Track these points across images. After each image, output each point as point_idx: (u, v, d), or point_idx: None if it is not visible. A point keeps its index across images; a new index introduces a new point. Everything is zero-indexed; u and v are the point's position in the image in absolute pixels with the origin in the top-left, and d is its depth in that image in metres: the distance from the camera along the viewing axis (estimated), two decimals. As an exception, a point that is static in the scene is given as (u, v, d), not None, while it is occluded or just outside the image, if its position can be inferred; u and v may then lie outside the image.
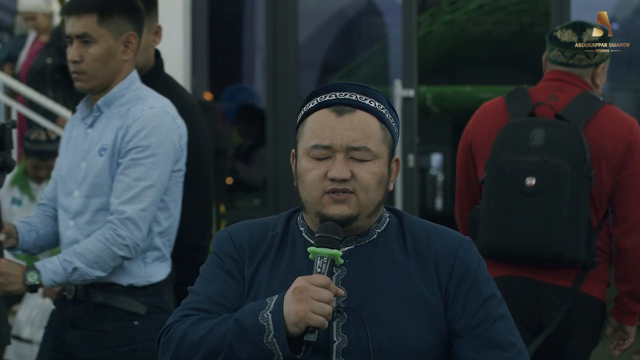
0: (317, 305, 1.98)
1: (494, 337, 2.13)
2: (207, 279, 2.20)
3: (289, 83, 7.61)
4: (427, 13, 11.38)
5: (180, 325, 2.11)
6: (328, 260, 2.06)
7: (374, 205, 2.15)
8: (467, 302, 2.15)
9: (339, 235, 2.08)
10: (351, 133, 2.11)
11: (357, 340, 2.10)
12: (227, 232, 2.24)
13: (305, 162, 2.14)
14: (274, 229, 2.23)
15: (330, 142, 2.11)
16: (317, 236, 2.09)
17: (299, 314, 1.98)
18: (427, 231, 2.22)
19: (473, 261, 2.19)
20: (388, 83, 9.21)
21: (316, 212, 2.14)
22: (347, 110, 2.13)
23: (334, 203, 2.11)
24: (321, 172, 2.12)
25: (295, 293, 2.00)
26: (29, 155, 5.51)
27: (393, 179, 2.22)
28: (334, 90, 2.17)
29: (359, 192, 2.12)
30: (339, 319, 2.11)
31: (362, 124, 2.13)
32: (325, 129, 2.12)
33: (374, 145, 2.13)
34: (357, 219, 2.14)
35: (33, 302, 5.37)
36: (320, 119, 2.14)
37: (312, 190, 2.13)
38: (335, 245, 2.07)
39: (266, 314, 2.01)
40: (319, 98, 2.17)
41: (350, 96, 2.15)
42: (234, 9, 9.95)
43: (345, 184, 2.11)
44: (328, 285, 2.01)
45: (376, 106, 2.16)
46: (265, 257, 2.19)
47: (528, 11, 11.69)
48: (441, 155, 19.08)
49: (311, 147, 2.13)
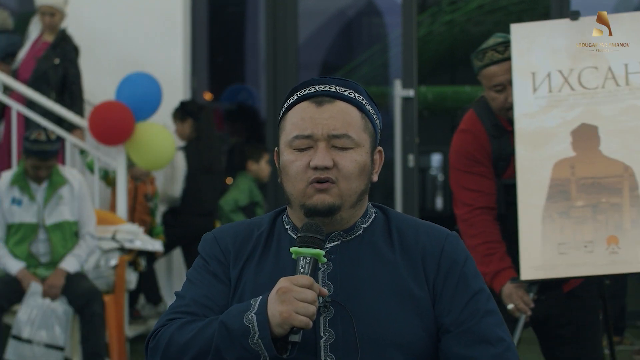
0: (301, 305, 1.99)
1: (482, 332, 2.13)
2: (193, 282, 2.21)
3: (289, 83, 7.60)
4: (427, 13, 11.38)
5: (167, 329, 2.12)
6: (311, 260, 2.06)
7: (356, 195, 2.16)
8: (455, 297, 2.15)
9: (321, 234, 2.09)
10: (331, 121, 2.13)
11: (344, 335, 2.10)
12: (213, 235, 2.26)
13: (288, 154, 2.16)
14: (260, 228, 2.24)
15: (311, 131, 2.13)
16: (299, 236, 2.10)
17: (283, 315, 1.99)
18: (413, 227, 2.22)
19: (460, 256, 2.19)
20: (388, 83, 9.21)
21: (300, 204, 2.15)
22: (327, 101, 2.16)
23: (317, 193, 2.12)
24: (304, 162, 2.13)
25: (279, 294, 2.00)
26: (29, 155, 5.50)
27: (377, 169, 2.23)
28: (314, 84, 2.19)
29: (341, 180, 2.13)
30: (326, 314, 2.12)
31: (342, 113, 2.15)
32: (305, 120, 2.14)
33: (354, 133, 2.15)
34: (340, 209, 2.14)
35: (33, 302, 5.37)
36: (300, 111, 2.16)
37: (297, 181, 2.14)
38: (318, 245, 2.08)
39: (251, 315, 2.02)
40: (299, 93, 2.19)
41: (330, 88, 2.18)
42: (234, 9, 9.95)
43: (327, 173, 2.12)
44: (311, 285, 2.02)
45: (355, 97, 2.18)
46: (251, 256, 2.21)
47: (528, 11, 11.69)
48: (441, 155, 19.09)
49: (293, 139, 2.15)
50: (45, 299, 5.37)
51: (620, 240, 3.52)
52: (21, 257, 5.53)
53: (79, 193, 5.64)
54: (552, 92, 3.60)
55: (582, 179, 3.56)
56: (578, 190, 3.56)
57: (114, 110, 6.41)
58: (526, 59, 3.62)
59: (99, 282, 5.84)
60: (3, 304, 5.44)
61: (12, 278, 5.46)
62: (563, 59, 3.61)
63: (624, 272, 3.59)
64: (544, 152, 3.58)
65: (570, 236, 3.54)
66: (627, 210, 3.53)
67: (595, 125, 3.57)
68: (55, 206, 5.57)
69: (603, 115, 3.57)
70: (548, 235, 3.55)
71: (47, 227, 5.53)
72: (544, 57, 3.62)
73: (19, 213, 5.55)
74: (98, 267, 5.96)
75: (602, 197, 3.54)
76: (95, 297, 5.48)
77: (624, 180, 3.54)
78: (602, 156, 3.57)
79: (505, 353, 2.13)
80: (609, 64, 3.57)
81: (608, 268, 3.53)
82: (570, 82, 3.60)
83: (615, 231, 3.52)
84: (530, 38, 3.62)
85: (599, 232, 3.53)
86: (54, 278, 5.43)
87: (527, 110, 3.60)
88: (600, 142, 3.56)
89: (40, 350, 5.35)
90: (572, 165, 3.57)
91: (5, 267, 5.51)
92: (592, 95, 3.58)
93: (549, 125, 3.59)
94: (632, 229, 3.52)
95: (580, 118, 3.58)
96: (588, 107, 3.59)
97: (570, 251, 3.53)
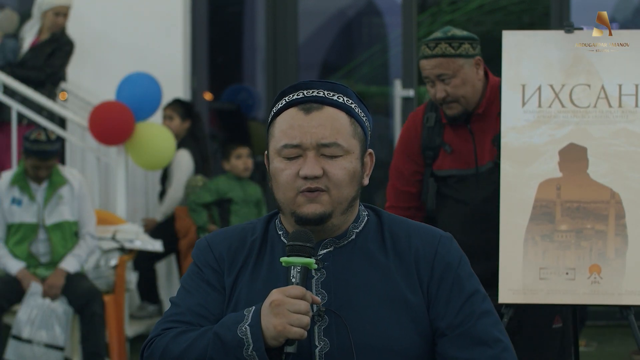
0: (295, 317, 1.99)
1: (478, 334, 2.12)
2: (187, 290, 2.20)
3: (289, 83, 7.58)
4: (427, 13, 11.36)
5: (161, 339, 2.12)
6: (301, 269, 2.05)
7: (347, 201, 2.15)
8: (450, 300, 2.13)
9: (310, 242, 2.08)
10: (320, 130, 2.11)
11: (339, 343, 2.09)
12: (206, 242, 2.24)
13: (277, 162, 2.14)
14: (253, 234, 2.22)
15: (300, 140, 2.11)
16: (289, 245, 2.08)
17: (277, 328, 1.98)
18: (406, 229, 2.20)
19: (454, 258, 2.17)
20: (388, 83, 9.21)
21: (291, 212, 2.13)
22: (315, 108, 2.13)
23: (307, 202, 2.11)
24: (293, 171, 2.12)
25: (272, 307, 2.00)
26: (28, 155, 5.50)
27: (368, 172, 2.22)
28: (302, 89, 2.17)
29: (332, 189, 2.12)
30: (320, 323, 2.11)
31: (330, 120, 2.13)
32: (294, 128, 2.12)
33: (344, 141, 2.13)
34: (331, 217, 2.13)
35: (33, 302, 5.37)
36: (288, 118, 2.14)
37: (286, 190, 2.13)
38: (307, 253, 2.07)
39: (244, 327, 2.02)
40: (287, 97, 2.17)
41: (318, 93, 2.15)
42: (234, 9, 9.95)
43: (317, 182, 2.10)
44: (304, 295, 2.01)
45: (344, 101, 2.16)
46: (246, 263, 2.19)
47: (528, 11, 11.68)
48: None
49: (281, 147, 2.13)
50: (45, 299, 5.37)
51: (603, 269, 3.44)
52: (21, 257, 5.54)
53: (79, 193, 5.64)
54: (542, 107, 3.50)
55: (568, 202, 3.48)
56: (563, 213, 3.48)
57: (114, 110, 6.42)
58: (515, 69, 3.55)
59: (99, 282, 5.84)
60: (3, 304, 5.44)
61: (12, 278, 5.46)
62: (555, 72, 3.53)
63: (604, 304, 3.49)
64: (530, 170, 3.50)
65: (553, 261, 3.46)
66: (611, 239, 3.45)
67: (584, 146, 3.49)
68: (55, 206, 5.57)
69: (593, 136, 3.49)
70: (529, 258, 3.46)
71: (47, 227, 5.53)
72: (535, 69, 3.54)
73: (19, 213, 5.55)
74: (98, 267, 5.96)
75: (587, 223, 3.46)
76: (95, 297, 5.48)
77: (611, 207, 3.46)
78: (589, 179, 3.48)
79: (502, 354, 2.12)
80: (603, 82, 3.49)
81: (589, 298, 3.44)
82: (561, 98, 3.52)
83: (598, 260, 3.44)
84: (521, 48, 3.54)
85: (581, 259, 3.45)
86: (54, 278, 5.43)
87: (514, 124, 3.51)
88: (589, 165, 3.49)
89: (40, 350, 5.35)
90: (558, 186, 3.49)
91: (5, 267, 5.51)
92: (583, 114, 3.49)
93: (536, 142, 3.50)
94: (616, 259, 3.44)
95: (569, 137, 3.50)
96: (578, 126, 3.50)
97: (551, 276, 3.45)
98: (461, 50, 3.69)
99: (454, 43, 3.69)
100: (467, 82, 3.69)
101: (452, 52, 3.68)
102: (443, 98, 3.68)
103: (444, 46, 3.69)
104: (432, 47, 3.69)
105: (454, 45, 3.69)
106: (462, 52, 3.69)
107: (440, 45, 3.68)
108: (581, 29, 3.55)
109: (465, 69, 3.68)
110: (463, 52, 3.69)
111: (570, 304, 3.53)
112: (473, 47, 3.72)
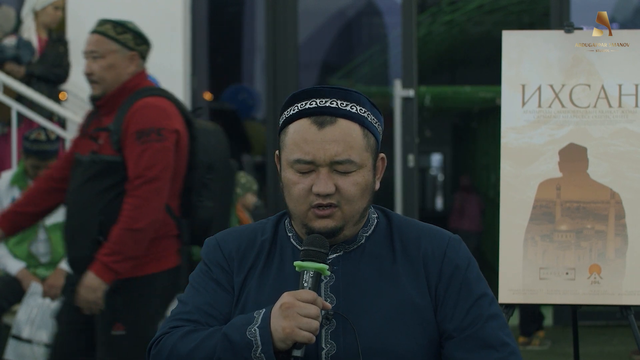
0: (304, 321, 1.99)
1: (486, 338, 2.11)
2: (196, 288, 2.19)
3: (289, 83, 7.61)
4: (427, 13, 11.37)
5: (169, 338, 2.12)
6: (314, 274, 2.05)
7: (359, 214, 2.15)
8: (458, 303, 2.13)
9: (324, 247, 2.08)
10: (333, 146, 2.09)
11: (345, 347, 2.09)
12: (216, 240, 2.23)
13: (290, 174, 2.13)
14: (263, 234, 2.22)
15: (313, 157, 2.09)
16: (303, 250, 2.08)
17: (286, 331, 1.99)
18: (415, 231, 2.20)
19: (462, 260, 2.17)
20: (388, 83, 9.21)
21: (303, 224, 2.13)
22: (328, 122, 2.10)
23: (319, 218, 2.11)
24: (306, 186, 2.10)
25: (282, 309, 2.00)
26: (28, 155, 5.50)
27: (379, 176, 2.20)
28: (315, 97, 2.13)
29: (344, 205, 2.11)
30: (328, 326, 2.11)
31: (344, 135, 2.10)
32: (307, 143, 2.10)
33: (357, 156, 2.11)
34: (343, 230, 2.13)
35: (33, 302, 5.37)
36: (301, 131, 2.11)
37: (299, 204, 2.12)
38: (322, 259, 2.07)
39: (254, 329, 2.02)
40: (300, 105, 2.13)
41: (331, 103, 2.12)
42: (234, 9, 9.96)
43: (329, 198, 2.10)
44: (315, 300, 2.01)
45: (358, 111, 2.14)
46: (255, 264, 2.19)
47: (528, 11, 11.69)
48: (441, 155, 19.09)
49: (294, 161, 2.11)
50: (45, 299, 5.37)
51: (603, 269, 3.45)
52: (21, 257, 5.53)
53: (79, 193, 5.65)
54: (542, 107, 3.51)
55: (568, 202, 3.49)
56: (562, 213, 3.49)
57: (114, 110, 6.41)
58: (515, 69, 3.55)
59: (99, 282, 5.84)
60: (3, 304, 5.44)
61: (12, 278, 5.46)
62: (555, 72, 3.54)
63: (604, 304, 3.50)
64: (530, 170, 3.51)
65: (552, 261, 3.47)
66: (611, 239, 3.46)
67: (584, 146, 3.50)
68: (55, 206, 5.57)
69: (593, 136, 3.50)
70: (529, 258, 3.47)
71: (47, 227, 5.53)
72: (535, 69, 3.54)
73: (18, 213, 5.55)
74: (98, 267, 5.96)
75: (587, 223, 3.47)
76: (95, 297, 5.48)
77: (610, 207, 3.47)
78: (589, 180, 3.49)
79: (509, 358, 2.12)
80: (603, 82, 3.49)
81: (588, 298, 3.45)
82: (560, 98, 3.53)
83: (598, 260, 3.45)
84: (521, 48, 3.54)
85: (581, 259, 3.47)
86: (54, 278, 5.43)
87: (514, 124, 3.52)
88: (589, 165, 3.49)
89: (40, 350, 5.35)
90: (558, 186, 3.50)
91: (5, 267, 5.51)
92: (583, 114, 3.50)
93: (536, 142, 3.51)
94: (616, 259, 3.45)
95: (569, 137, 3.51)
96: (578, 126, 3.51)
97: (550, 277, 3.46)
98: (122, 37, 3.92)
99: (119, 29, 3.92)
100: (113, 68, 3.90)
101: (112, 34, 3.92)
102: (88, 75, 3.96)
103: (108, 27, 3.94)
104: (99, 24, 3.95)
105: (117, 30, 3.92)
106: (122, 39, 3.92)
107: (106, 25, 3.95)
108: (581, 29, 3.55)
109: (117, 56, 3.90)
110: (122, 40, 3.92)
111: (570, 304, 3.53)
112: (136, 42, 3.96)
